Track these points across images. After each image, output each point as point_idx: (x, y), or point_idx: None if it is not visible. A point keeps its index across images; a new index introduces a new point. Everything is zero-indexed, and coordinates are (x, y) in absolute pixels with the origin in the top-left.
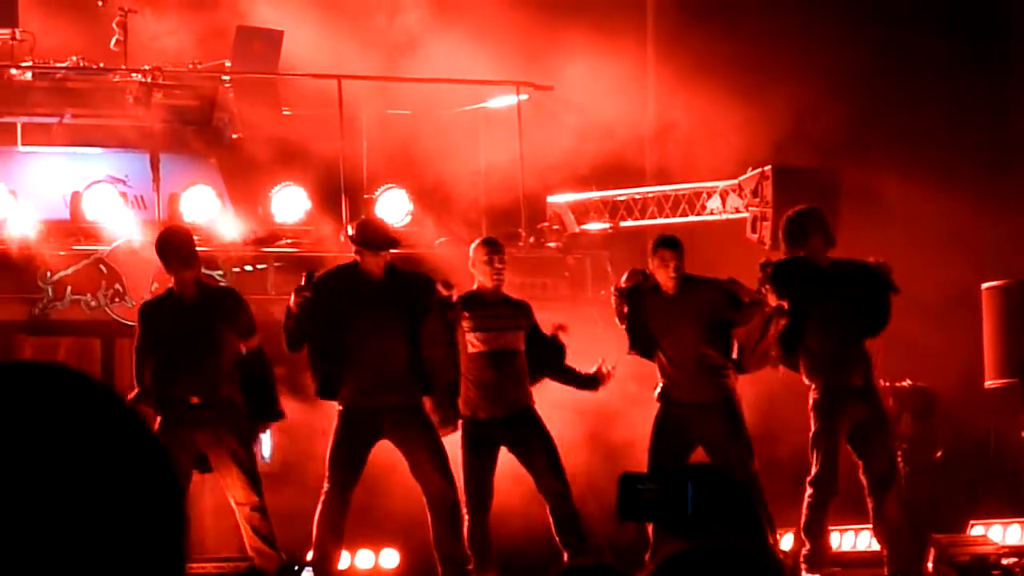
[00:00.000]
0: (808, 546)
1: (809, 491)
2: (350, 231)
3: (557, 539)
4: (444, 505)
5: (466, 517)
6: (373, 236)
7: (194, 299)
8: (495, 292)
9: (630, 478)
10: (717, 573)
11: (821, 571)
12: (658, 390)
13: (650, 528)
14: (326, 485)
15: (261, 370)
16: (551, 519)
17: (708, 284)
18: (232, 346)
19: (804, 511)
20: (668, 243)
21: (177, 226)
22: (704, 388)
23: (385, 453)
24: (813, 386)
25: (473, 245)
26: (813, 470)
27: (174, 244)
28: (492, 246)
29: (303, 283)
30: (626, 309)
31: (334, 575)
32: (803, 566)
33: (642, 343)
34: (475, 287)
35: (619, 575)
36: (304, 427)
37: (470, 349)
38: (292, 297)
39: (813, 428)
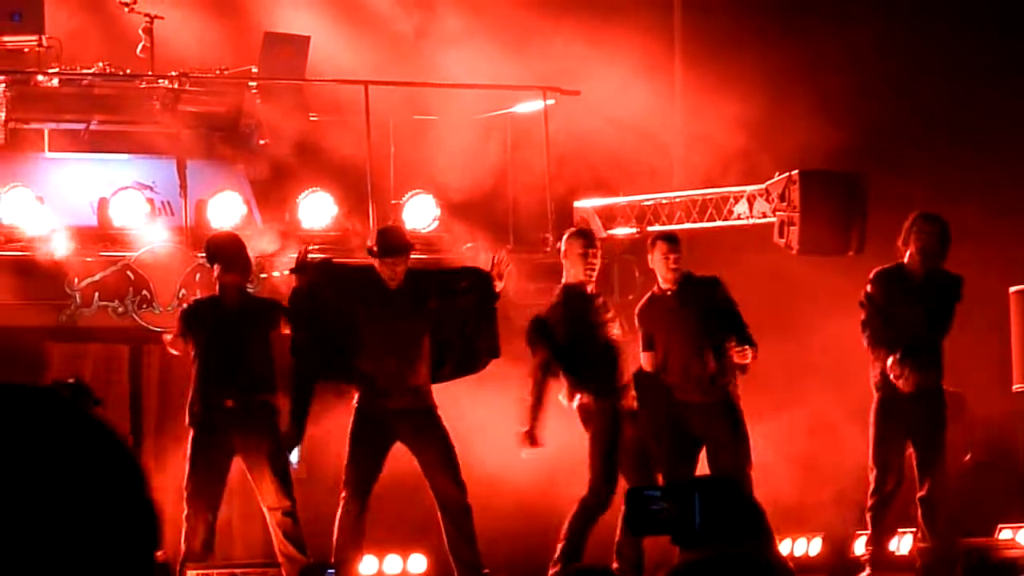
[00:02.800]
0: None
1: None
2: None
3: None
4: (456, 510)
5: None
6: (386, 245)
7: (235, 306)
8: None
9: (638, 492)
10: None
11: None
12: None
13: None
14: (343, 490)
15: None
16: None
17: (709, 281)
18: (270, 353)
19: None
20: (666, 237)
21: (232, 232)
22: (707, 389)
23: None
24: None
25: (565, 236)
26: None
27: (231, 249)
28: (587, 238)
29: (298, 264)
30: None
31: None
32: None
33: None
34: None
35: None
36: (330, 432)
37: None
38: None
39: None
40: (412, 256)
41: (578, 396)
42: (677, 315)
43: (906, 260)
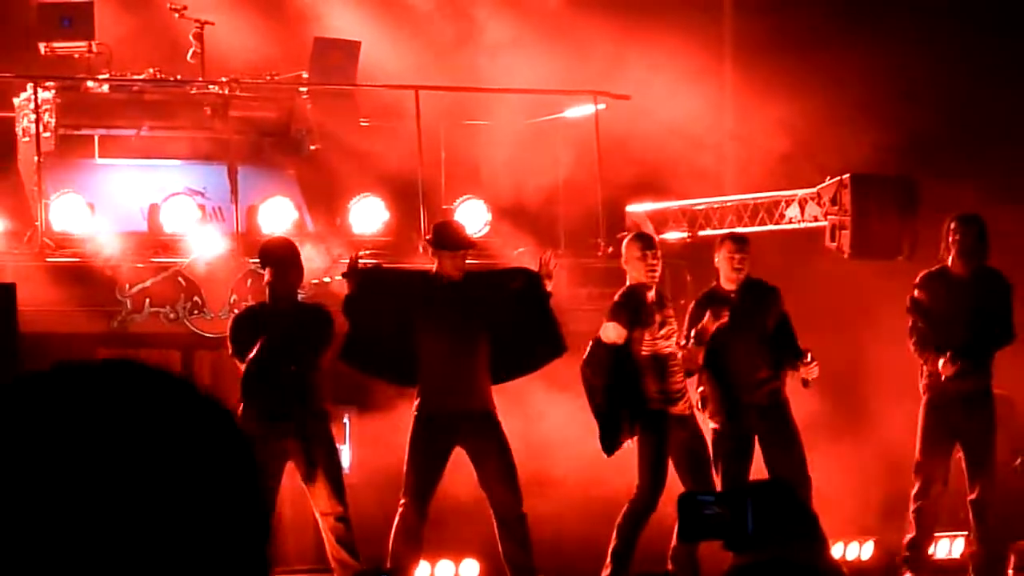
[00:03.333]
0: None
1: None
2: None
3: None
4: (512, 519)
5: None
6: (450, 237)
7: (287, 311)
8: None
9: (691, 497)
10: None
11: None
12: (718, 396)
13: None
14: (403, 496)
15: None
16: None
17: (771, 288)
18: (321, 358)
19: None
20: (735, 237)
21: (286, 238)
22: (765, 392)
23: (465, 461)
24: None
25: (625, 241)
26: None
27: (285, 254)
28: (645, 241)
29: (350, 269)
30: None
31: None
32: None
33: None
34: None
35: None
36: (383, 436)
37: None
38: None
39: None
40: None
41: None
42: (737, 316)
43: (949, 263)
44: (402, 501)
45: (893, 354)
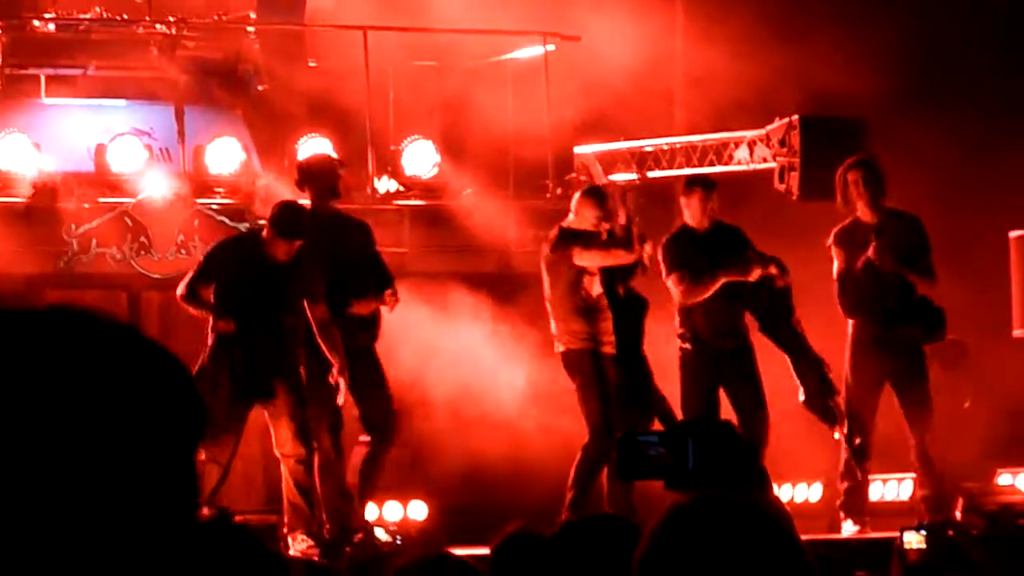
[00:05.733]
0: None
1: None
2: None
3: None
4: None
5: None
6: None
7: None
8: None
9: (631, 437)
10: (723, 523)
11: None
12: (688, 333)
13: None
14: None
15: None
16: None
17: (736, 230)
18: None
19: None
20: (706, 182)
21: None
22: (736, 333)
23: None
24: None
25: (579, 194)
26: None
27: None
28: (602, 207)
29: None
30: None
31: None
32: (840, 512)
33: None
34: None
35: (622, 522)
36: None
37: None
38: None
39: None
40: (409, 202)
41: (563, 343)
42: (714, 258)
43: (859, 212)
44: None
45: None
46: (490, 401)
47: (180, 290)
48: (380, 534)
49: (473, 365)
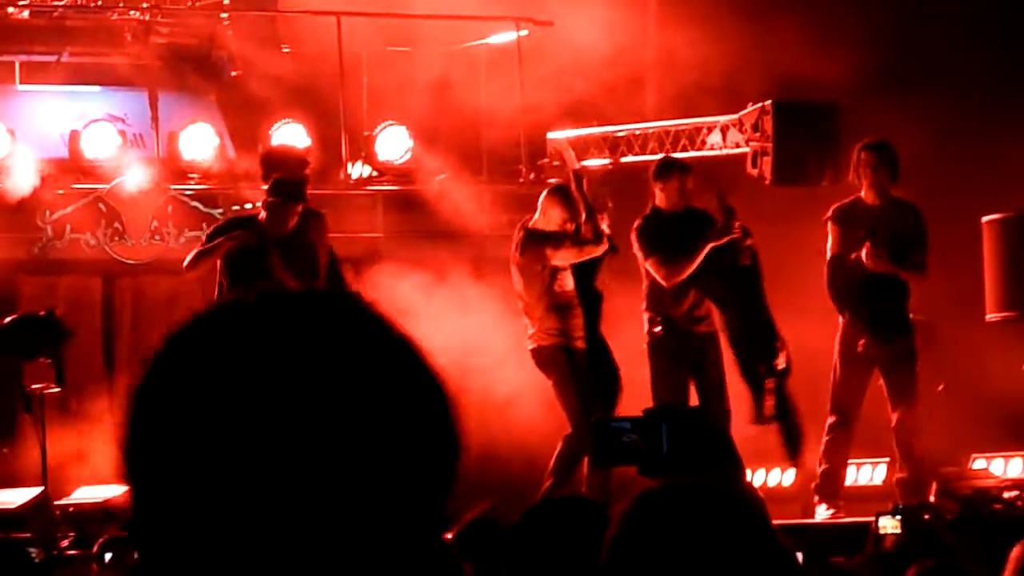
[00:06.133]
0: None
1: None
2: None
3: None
4: None
5: None
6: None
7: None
8: None
9: (605, 424)
10: (693, 508)
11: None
12: (657, 318)
13: None
14: None
15: None
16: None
17: (708, 216)
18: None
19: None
20: (682, 166)
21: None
22: (705, 317)
23: None
24: None
25: (546, 193)
26: None
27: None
28: (570, 209)
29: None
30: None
31: None
32: (814, 495)
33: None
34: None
35: (593, 504)
36: None
37: None
38: None
39: None
40: (383, 187)
41: (535, 340)
42: (688, 241)
43: (862, 194)
44: None
45: (815, 282)
46: (464, 387)
47: (186, 262)
48: None
49: (446, 351)
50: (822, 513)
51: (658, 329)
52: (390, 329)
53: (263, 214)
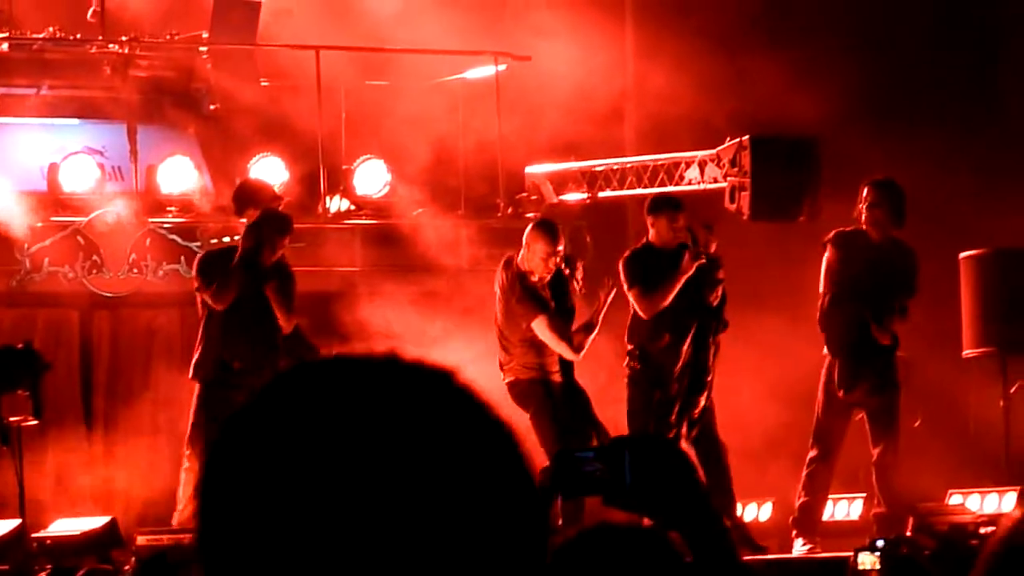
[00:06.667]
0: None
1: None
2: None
3: None
4: None
5: None
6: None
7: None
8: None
9: (568, 454)
10: (616, 551)
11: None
12: (636, 351)
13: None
14: None
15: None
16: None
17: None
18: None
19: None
20: (674, 203)
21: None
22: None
23: None
24: None
25: (531, 228)
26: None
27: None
28: (552, 242)
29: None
30: None
31: None
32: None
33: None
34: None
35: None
36: None
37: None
38: None
39: None
40: (361, 221)
41: (512, 374)
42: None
43: (863, 227)
44: None
45: (791, 317)
46: None
47: (212, 299)
48: None
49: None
50: (799, 548)
51: (636, 364)
52: (485, 410)
53: (248, 244)
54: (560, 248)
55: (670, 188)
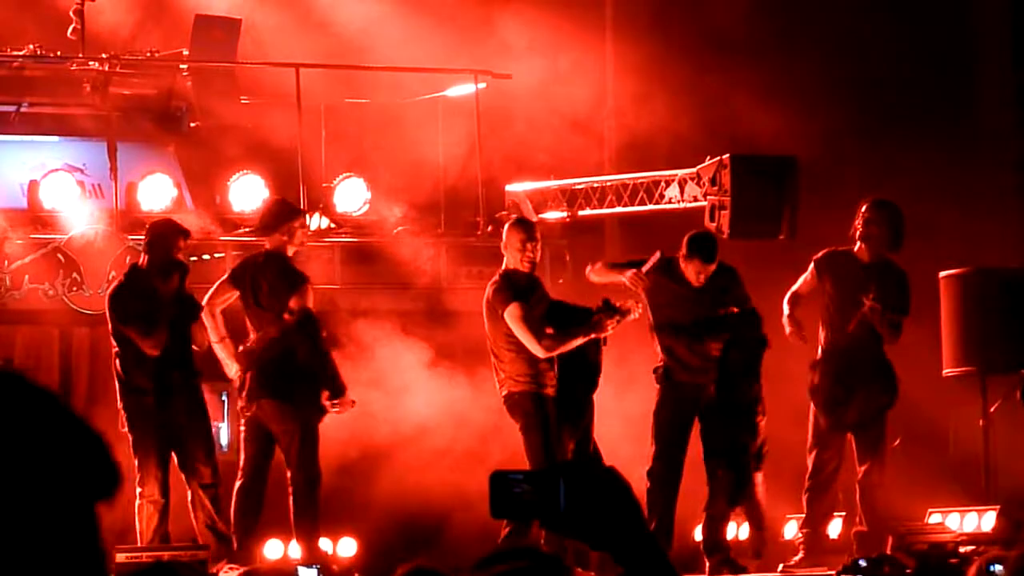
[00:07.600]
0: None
1: None
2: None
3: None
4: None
5: None
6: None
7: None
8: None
9: (502, 476)
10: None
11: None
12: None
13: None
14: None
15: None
16: None
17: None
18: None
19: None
20: (700, 250)
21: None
22: (708, 372)
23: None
24: None
25: (506, 226)
26: None
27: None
28: (526, 230)
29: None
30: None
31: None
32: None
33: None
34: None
35: (543, 556)
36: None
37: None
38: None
39: None
40: (341, 239)
41: (506, 386)
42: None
43: (856, 249)
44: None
45: (773, 336)
46: (421, 437)
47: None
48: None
49: (404, 402)
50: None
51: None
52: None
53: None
54: (537, 236)
55: (650, 207)
